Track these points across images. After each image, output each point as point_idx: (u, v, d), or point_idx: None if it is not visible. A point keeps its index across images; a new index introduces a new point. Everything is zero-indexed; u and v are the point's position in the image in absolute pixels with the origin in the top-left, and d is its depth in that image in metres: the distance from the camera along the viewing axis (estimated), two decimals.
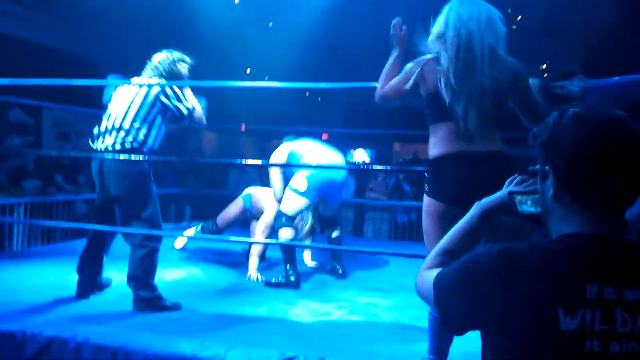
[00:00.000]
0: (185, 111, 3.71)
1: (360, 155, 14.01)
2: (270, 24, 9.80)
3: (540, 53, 11.27)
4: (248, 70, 11.42)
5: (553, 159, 1.15)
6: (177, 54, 3.90)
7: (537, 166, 1.20)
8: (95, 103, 8.37)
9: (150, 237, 3.56)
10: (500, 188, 2.34)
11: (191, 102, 3.78)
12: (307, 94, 14.59)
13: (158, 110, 3.68)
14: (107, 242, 3.85)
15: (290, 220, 4.55)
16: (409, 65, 2.56)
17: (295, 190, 4.56)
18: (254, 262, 4.63)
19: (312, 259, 5.28)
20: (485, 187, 2.28)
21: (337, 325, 3.48)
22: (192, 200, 8.14)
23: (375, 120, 12.72)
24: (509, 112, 2.51)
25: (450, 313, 1.22)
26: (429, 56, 2.51)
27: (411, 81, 2.52)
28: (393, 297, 4.15)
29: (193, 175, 8.48)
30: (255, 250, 4.67)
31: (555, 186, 1.15)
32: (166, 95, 3.66)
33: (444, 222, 2.39)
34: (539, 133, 1.18)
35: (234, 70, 9.73)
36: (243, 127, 9.01)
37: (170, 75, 3.79)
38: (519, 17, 10.07)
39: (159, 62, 3.83)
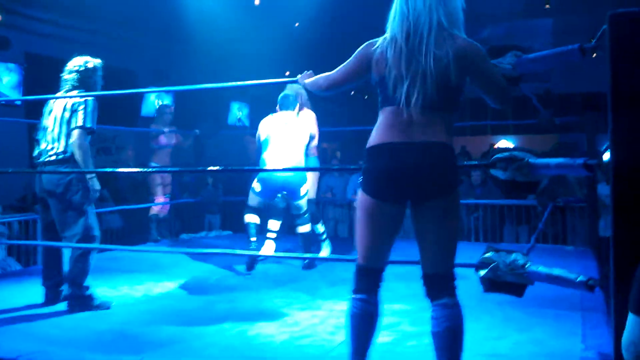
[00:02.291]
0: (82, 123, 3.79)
1: None
2: (297, 24, 9.67)
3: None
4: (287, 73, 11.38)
5: None
6: (93, 62, 3.99)
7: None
8: (134, 118, 8.49)
9: (84, 240, 3.76)
10: (436, 181, 2.17)
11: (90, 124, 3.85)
12: (352, 92, 14.39)
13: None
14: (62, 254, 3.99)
15: (253, 211, 5.08)
16: (360, 49, 2.37)
17: (252, 190, 5.06)
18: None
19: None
20: (418, 181, 2.17)
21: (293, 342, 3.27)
22: (219, 208, 8.13)
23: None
24: (458, 97, 2.26)
25: None
26: (380, 39, 2.32)
27: (360, 64, 2.35)
28: None
29: (210, 183, 8.44)
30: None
31: None
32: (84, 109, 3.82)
33: (375, 219, 2.25)
34: None
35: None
36: None
37: (88, 86, 3.95)
38: None
39: (76, 73, 3.94)
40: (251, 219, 5.08)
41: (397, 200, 2.22)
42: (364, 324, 2.30)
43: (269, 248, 5.12)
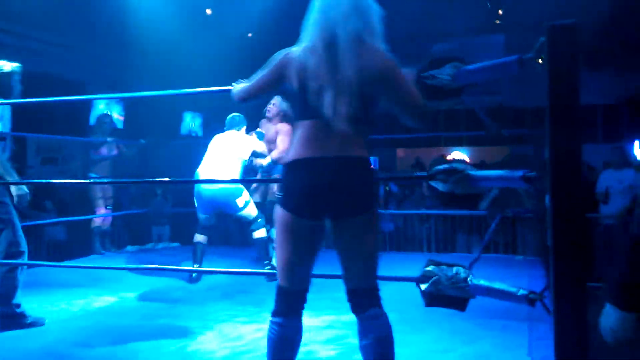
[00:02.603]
0: None
1: None
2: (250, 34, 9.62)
3: None
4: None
5: None
6: (9, 66, 3.82)
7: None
8: (79, 128, 8.26)
9: (10, 256, 3.58)
10: (355, 198, 2.10)
11: None
12: None
13: None
14: None
15: (201, 229, 5.07)
16: (275, 58, 2.27)
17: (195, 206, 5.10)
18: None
19: None
20: (336, 198, 2.10)
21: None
22: (168, 220, 7.93)
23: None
24: (375, 110, 2.22)
25: None
26: (297, 48, 2.23)
27: (276, 74, 2.25)
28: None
29: (160, 194, 8.22)
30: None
31: None
32: None
33: (294, 236, 2.17)
34: None
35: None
36: None
37: (3, 91, 3.76)
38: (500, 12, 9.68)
39: None
40: (198, 238, 5.08)
41: (316, 216, 2.14)
42: (281, 349, 2.22)
43: None
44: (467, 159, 13.99)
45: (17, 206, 3.65)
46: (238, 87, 2.49)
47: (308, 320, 2.52)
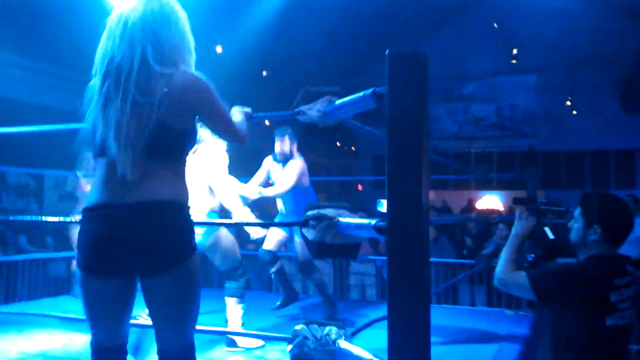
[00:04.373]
0: None
1: None
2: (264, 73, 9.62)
3: None
4: None
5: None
6: None
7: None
8: None
9: None
10: (157, 250, 1.75)
11: None
12: (338, 144, 14.27)
13: None
14: None
15: None
16: None
17: None
18: None
19: None
20: (133, 251, 1.76)
21: None
22: None
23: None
24: (184, 142, 1.91)
25: (545, 292, 2.27)
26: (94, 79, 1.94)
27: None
28: None
29: None
30: None
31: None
32: None
33: (92, 294, 1.85)
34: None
35: None
36: None
37: None
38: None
39: None
40: None
41: (115, 276, 1.81)
42: None
43: None
44: (500, 204, 13.44)
45: None
46: None
47: None
